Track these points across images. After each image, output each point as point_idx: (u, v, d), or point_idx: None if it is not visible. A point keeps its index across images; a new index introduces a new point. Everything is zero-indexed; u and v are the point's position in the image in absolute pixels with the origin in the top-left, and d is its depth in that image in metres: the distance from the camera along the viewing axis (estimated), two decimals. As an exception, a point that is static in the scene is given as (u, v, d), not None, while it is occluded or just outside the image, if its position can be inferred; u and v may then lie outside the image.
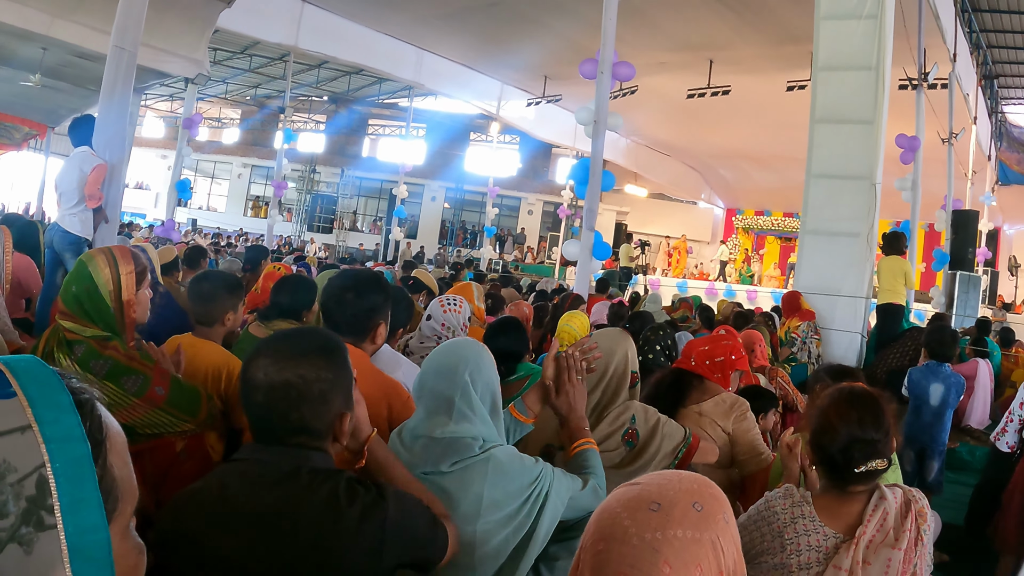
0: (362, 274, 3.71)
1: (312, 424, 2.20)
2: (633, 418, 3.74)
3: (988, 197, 25.40)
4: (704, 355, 4.52)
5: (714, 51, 21.42)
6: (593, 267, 10.62)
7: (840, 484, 2.88)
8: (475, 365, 2.83)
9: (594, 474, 3.14)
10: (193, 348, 3.93)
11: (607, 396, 3.79)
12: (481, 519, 2.64)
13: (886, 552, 2.70)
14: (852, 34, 10.58)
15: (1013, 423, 5.49)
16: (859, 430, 2.82)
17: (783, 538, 2.81)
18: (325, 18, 22.10)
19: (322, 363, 2.23)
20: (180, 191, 18.21)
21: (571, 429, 3.30)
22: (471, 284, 7.40)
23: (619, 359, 3.84)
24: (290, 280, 5.09)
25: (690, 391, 4.51)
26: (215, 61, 31.49)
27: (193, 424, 3.43)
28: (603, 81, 10.62)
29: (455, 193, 45.61)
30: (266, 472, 2.15)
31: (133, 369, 3.26)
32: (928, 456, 7.04)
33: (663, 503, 1.50)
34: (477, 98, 28.33)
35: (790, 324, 10.14)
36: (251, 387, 2.19)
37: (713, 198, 41.33)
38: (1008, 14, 22.13)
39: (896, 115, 12.74)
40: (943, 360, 7.26)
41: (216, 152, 47.90)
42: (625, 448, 3.69)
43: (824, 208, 10.61)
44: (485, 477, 2.68)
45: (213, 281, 4.36)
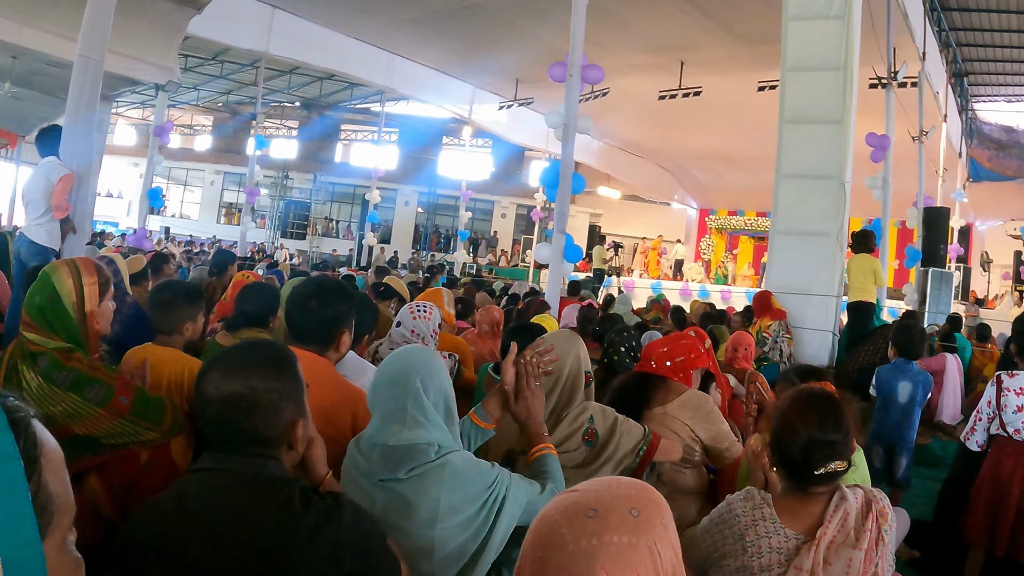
0: (326, 282, 3.73)
1: (264, 433, 2.25)
2: (591, 418, 3.77)
3: (959, 194, 25.54)
4: (664, 356, 4.53)
5: (685, 52, 21.49)
6: (565, 270, 10.63)
7: (800, 485, 2.90)
8: (426, 371, 2.84)
9: (552, 478, 3.16)
10: (154, 356, 3.92)
11: (563, 398, 3.81)
12: (439, 524, 2.66)
13: (847, 552, 2.72)
14: (820, 34, 10.62)
15: (982, 421, 5.52)
16: (819, 432, 2.84)
17: (744, 540, 2.83)
18: (296, 24, 22.05)
19: (270, 373, 2.28)
20: (152, 199, 18.13)
21: (530, 435, 3.33)
22: (441, 290, 7.42)
23: (572, 360, 3.87)
24: (253, 288, 5.10)
25: (655, 392, 4.52)
26: (186, 68, 31.35)
27: (158, 433, 3.41)
28: (572, 84, 10.63)
29: (428, 197, 45.50)
30: (223, 481, 2.18)
31: (96, 379, 3.25)
32: (897, 453, 7.07)
33: (600, 509, 1.52)
34: (449, 102, 28.32)
35: (761, 324, 10.16)
36: (204, 401, 2.24)
37: (686, 199, 41.48)
38: (977, 12, 22.28)
39: (866, 114, 12.81)
40: (911, 357, 7.30)
41: (188, 159, 47.74)
42: (586, 448, 3.71)
43: (794, 208, 10.64)
44: (442, 482, 2.69)
45: (173, 290, 4.38)
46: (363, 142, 47.10)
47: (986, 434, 5.49)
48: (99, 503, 3.25)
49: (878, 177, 16.55)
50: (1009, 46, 24.52)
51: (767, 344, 9.83)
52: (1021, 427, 5.24)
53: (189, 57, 31.13)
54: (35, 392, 3.14)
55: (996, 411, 5.37)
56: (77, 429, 3.16)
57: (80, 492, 3.24)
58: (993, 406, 5.40)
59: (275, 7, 21.36)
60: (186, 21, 16.24)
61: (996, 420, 5.38)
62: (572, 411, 3.77)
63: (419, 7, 19.96)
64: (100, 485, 3.27)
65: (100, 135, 17.61)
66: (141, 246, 16.54)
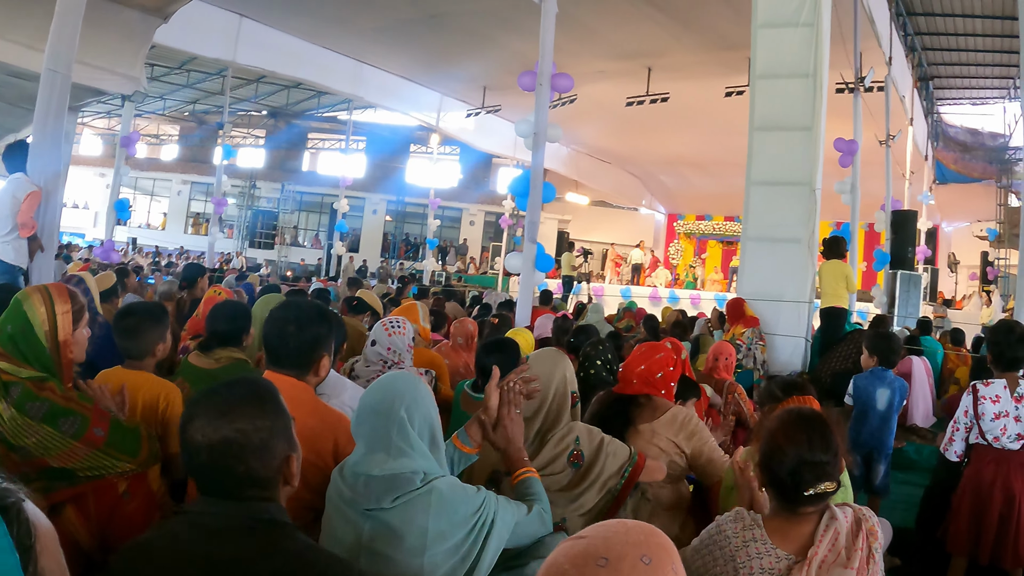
0: (304, 305, 3.68)
1: (260, 474, 2.19)
2: (577, 439, 3.74)
3: (926, 196, 25.75)
4: (644, 374, 4.49)
5: (652, 58, 21.53)
6: (536, 279, 10.60)
7: (790, 506, 2.89)
8: (411, 400, 2.81)
9: (538, 500, 3.16)
10: (127, 380, 3.87)
11: (549, 420, 3.79)
12: (428, 551, 2.64)
13: (839, 572, 2.70)
14: (789, 42, 10.64)
15: (959, 431, 5.53)
16: (808, 453, 2.83)
17: (735, 562, 2.81)
18: (263, 32, 21.95)
19: (256, 412, 2.22)
20: (119, 210, 17.98)
21: (510, 460, 3.32)
22: (416, 304, 7.39)
23: (558, 382, 3.85)
24: (224, 307, 5.06)
25: (639, 410, 4.49)
26: (152, 77, 31.18)
27: (135, 464, 3.36)
28: (542, 93, 10.61)
29: (396, 205, 45.46)
30: (220, 524, 2.13)
31: (71, 411, 3.19)
32: (875, 460, 7.09)
33: (611, 558, 1.49)
34: (416, 110, 28.24)
35: (735, 331, 10.17)
36: (192, 449, 2.18)
37: (654, 204, 41.61)
38: (942, 17, 22.49)
39: (834, 119, 12.84)
40: (889, 366, 7.32)
41: (155, 169, 47.38)
42: (571, 469, 3.69)
43: (765, 215, 10.66)
44: (428, 509, 2.67)
45: (137, 314, 4.31)
46: (331, 151, 47.03)
47: (964, 444, 5.51)
48: (77, 535, 3.21)
49: (846, 182, 16.62)
50: (973, 50, 24.76)
51: (741, 351, 9.84)
52: (1000, 434, 5.27)
53: (155, 66, 30.94)
54: (8, 423, 3.08)
55: (973, 420, 5.39)
56: (52, 461, 3.11)
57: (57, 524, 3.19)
58: (970, 415, 5.42)
59: (242, 16, 21.25)
60: (152, 30, 16.12)
61: (974, 429, 5.40)
62: (558, 432, 3.75)
63: (386, 15, 19.92)
64: (78, 517, 3.23)
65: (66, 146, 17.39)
66: (108, 258, 16.43)
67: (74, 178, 33.49)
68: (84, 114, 38.92)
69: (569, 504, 3.60)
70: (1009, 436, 5.26)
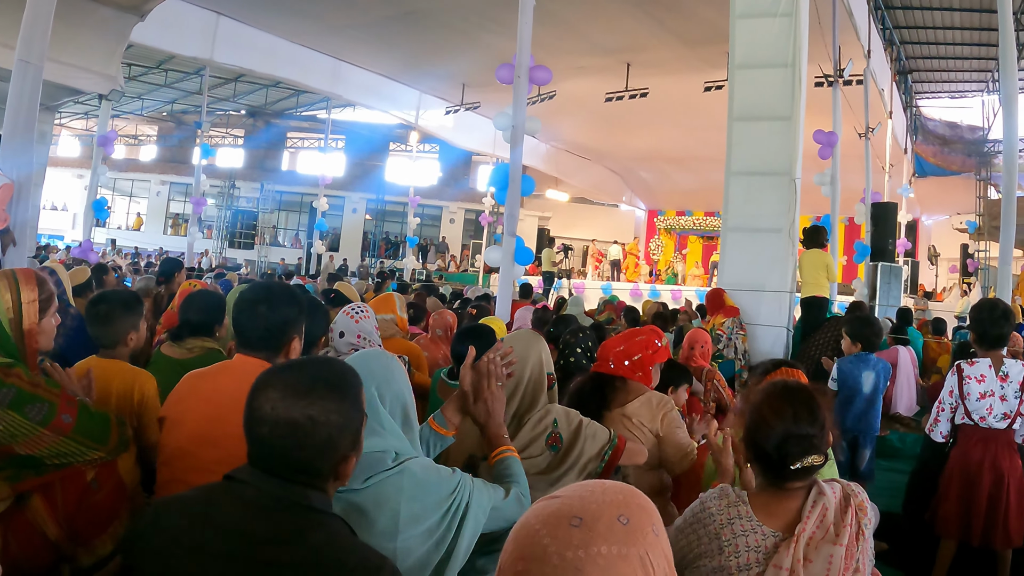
0: (274, 286, 3.59)
1: (315, 465, 2.13)
2: (555, 422, 3.66)
3: (906, 189, 25.88)
4: (621, 355, 4.45)
5: (631, 54, 21.56)
6: (516, 272, 10.58)
7: (777, 481, 2.83)
8: (382, 379, 2.74)
9: (516, 482, 3.07)
10: (100, 369, 3.81)
11: (526, 402, 3.69)
12: (400, 534, 2.54)
13: (827, 548, 2.65)
14: (768, 32, 10.63)
15: (944, 412, 5.51)
16: (794, 426, 2.77)
17: (720, 540, 2.74)
18: (241, 30, 21.94)
19: (332, 405, 2.14)
20: (96, 211, 17.88)
21: (490, 436, 3.23)
22: (393, 295, 7.33)
23: (534, 362, 3.75)
24: (197, 296, 4.99)
25: (614, 393, 4.45)
26: (129, 77, 31.05)
27: (103, 452, 3.29)
28: (520, 86, 10.61)
29: (376, 204, 45.47)
30: (261, 500, 2.06)
31: (38, 397, 3.11)
32: (860, 445, 7.10)
33: (585, 517, 1.43)
34: (395, 108, 28.27)
35: (715, 321, 10.16)
36: (256, 419, 2.10)
37: (634, 200, 41.73)
38: (920, 10, 22.59)
39: (813, 111, 12.85)
40: (872, 349, 7.33)
41: (133, 170, 47.26)
42: (550, 452, 3.60)
43: (745, 205, 10.63)
44: (401, 491, 2.58)
45: (109, 302, 4.22)
46: (310, 150, 46.92)
47: (949, 424, 5.49)
48: (44, 525, 3.14)
49: (826, 174, 16.68)
50: (952, 43, 24.88)
51: (721, 341, 9.83)
52: (986, 414, 5.26)
53: (132, 66, 30.85)
54: None
55: (959, 400, 5.38)
56: (18, 449, 3.02)
57: (24, 514, 3.14)
58: (956, 395, 5.41)
59: (220, 14, 21.23)
60: (129, 28, 16.05)
61: (960, 409, 5.38)
62: (535, 415, 3.67)
63: (364, 13, 19.90)
64: (45, 506, 3.16)
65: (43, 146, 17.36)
66: (87, 259, 16.32)
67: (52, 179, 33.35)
68: (61, 114, 38.79)
69: (548, 488, 3.51)
70: (995, 415, 5.24)
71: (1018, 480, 5.23)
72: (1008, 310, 5.46)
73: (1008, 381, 5.27)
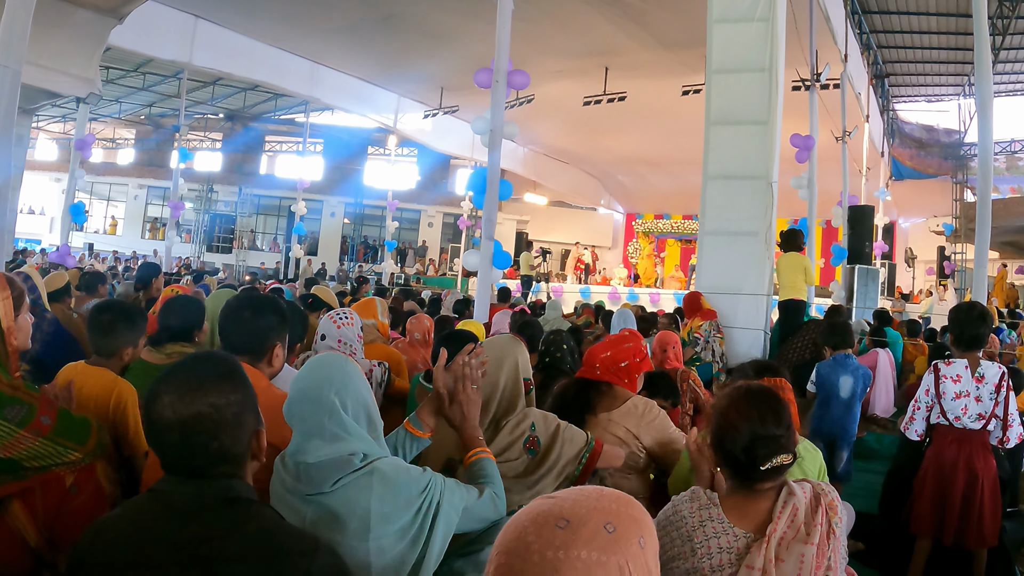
0: (259, 296, 3.73)
1: (233, 450, 2.17)
2: (533, 425, 3.66)
3: (883, 192, 26.06)
4: (608, 361, 4.45)
5: (609, 58, 21.59)
6: (494, 276, 10.60)
7: (747, 483, 2.85)
8: (341, 384, 2.74)
9: (490, 483, 3.10)
10: (83, 376, 3.83)
11: (503, 406, 3.70)
12: (372, 534, 2.57)
13: (799, 548, 2.68)
14: (745, 37, 10.67)
15: (920, 411, 5.55)
16: (760, 427, 2.81)
17: (693, 542, 2.77)
18: (219, 34, 21.90)
19: (227, 386, 2.19)
20: (74, 215, 17.83)
21: (465, 439, 3.26)
22: (374, 299, 7.34)
23: (510, 367, 3.76)
24: (176, 302, 4.97)
25: (599, 398, 4.45)
26: (107, 80, 30.97)
27: (82, 453, 3.28)
28: (498, 90, 10.63)
29: (354, 208, 45.43)
30: (187, 503, 2.09)
31: (17, 399, 3.11)
32: (838, 447, 7.16)
33: (572, 520, 1.45)
34: (374, 111, 28.28)
35: (692, 324, 10.17)
36: (161, 426, 2.12)
37: (613, 204, 41.86)
38: (897, 15, 22.77)
39: (790, 116, 12.90)
40: (849, 347, 7.41)
41: (111, 173, 46.87)
42: (528, 456, 3.61)
43: (722, 208, 10.67)
44: (371, 491, 2.60)
45: (115, 312, 4.24)
46: (288, 153, 46.78)
47: (925, 423, 5.53)
48: (24, 531, 3.13)
49: (803, 177, 16.74)
50: (928, 47, 25.06)
51: (699, 344, 9.86)
52: (961, 414, 5.30)
53: (110, 69, 30.77)
54: None
55: (935, 399, 5.41)
56: None
57: (4, 520, 3.13)
58: (932, 395, 5.44)
59: (198, 17, 21.18)
60: (107, 32, 16.01)
61: (935, 408, 5.42)
62: (513, 419, 3.67)
63: (342, 16, 19.88)
64: (24, 512, 3.15)
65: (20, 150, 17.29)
66: (64, 263, 16.25)
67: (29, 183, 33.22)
68: (39, 118, 38.60)
69: (527, 491, 3.53)
70: (970, 416, 5.29)
71: (992, 480, 5.28)
72: (985, 312, 5.51)
73: (984, 382, 5.31)
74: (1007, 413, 5.28)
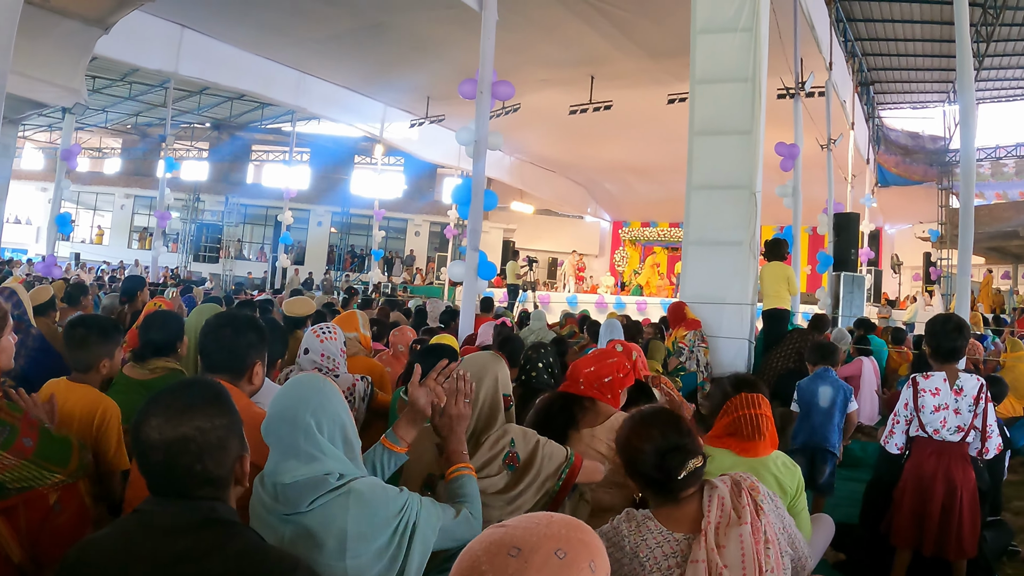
0: (239, 315, 3.72)
1: (215, 472, 2.20)
2: (512, 441, 3.67)
3: (868, 199, 26.14)
4: (592, 376, 4.45)
5: (595, 67, 21.63)
6: (480, 287, 10.61)
7: (671, 496, 2.98)
8: (317, 405, 2.76)
9: (468, 502, 3.12)
10: (66, 392, 3.84)
11: (481, 422, 3.71)
12: (349, 553, 2.59)
13: (735, 531, 2.84)
14: (728, 47, 10.70)
15: (899, 424, 5.56)
16: (664, 441, 2.97)
17: (639, 557, 2.87)
18: (205, 43, 21.89)
19: (213, 411, 2.23)
20: (60, 225, 17.80)
21: (449, 453, 3.30)
22: (356, 313, 7.36)
23: (489, 383, 3.77)
24: (156, 317, 4.98)
25: (583, 414, 4.45)
26: (93, 89, 30.97)
27: (64, 475, 3.30)
28: (483, 100, 10.66)
29: (341, 217, 45.40)
30: (170, 523, 2.12)
31: (0, 420, 3.13)
32: (820, 459, 7.16)
33: (524, 548, 1.48)
34: (360, 121, 28.27)
35: (677, 334, 10.20)
36: (147, 447, 2.17)
37: (599, 212, 41.94)
38: (882, 23, 22.90)
39: (776, 124, 12.95)
40: (833, 364, 7.46)
41: (98, 183, 46.83)
42: (507, 472, 3.63)
43: (706, 218, 10.69)
44: (347, 510, 2.62)
45: (88, 326, 4.24)
46: (275, 162, 46.80)
47: (905, 436, 5.54)
48: (7, 548, 3.14)
49: (788, 185, 16.78)
50: (913, 55, 25.20)
51: (683, 354, 9.88)
52: (940, 427, 5.31)
53: (97, 78, 30.77)
54: None
55: (914, 413, 5.43)
56: None
57: (-12, 538, 3.14)
58: (910, 408, 5.45)
59: (184, 27, 21.18)
60: (93, 41, 16.01)
61: (915, 422, 5.44)
62: (492, 435, 3.68)
63: (329, 26, 19.88)
64: (8, 529, 3.16)
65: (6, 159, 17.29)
66: (50, 273, 16.23)
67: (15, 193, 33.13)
68: (25, 127, 38.54)
69: (507, 507, 3.55)
70: (949, 428, 5.30)
71: (971, 492, 5.29)
72: (961, 323, 5.52)
73: (963, 395, 5.33)
74: (985, 424, 5.30)
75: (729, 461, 3.95)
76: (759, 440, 4.01)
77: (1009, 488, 8.12)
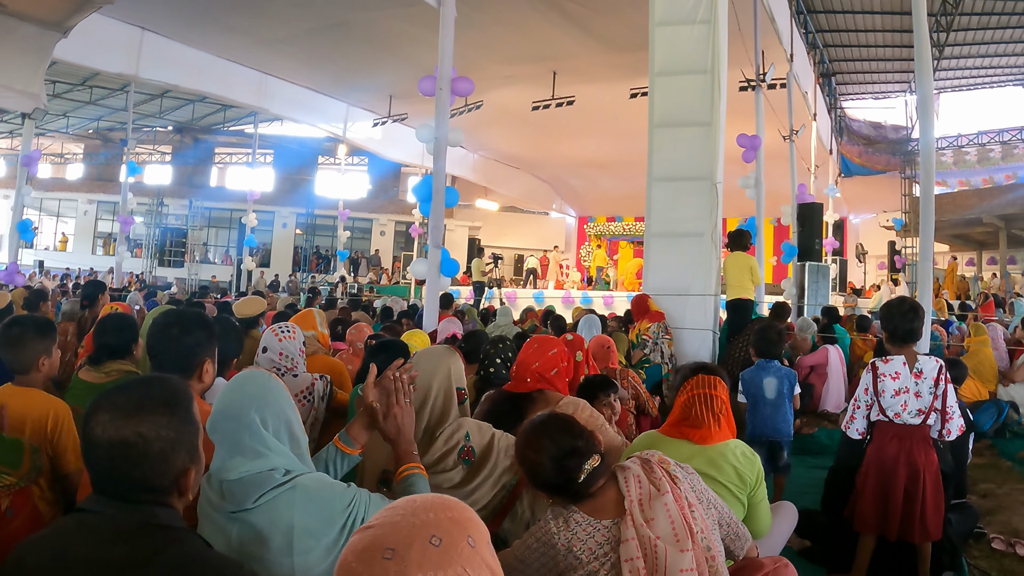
0: (186, 312, 3.68)
1: (154, 482, 2.14)
2: (467, 435, 3.66)
3: (832, 189, 26.30)
4: (537, 372, 4.49)
5: (557, 62, 21.62)
6: (442, 284, 10.59)
7: (580, 496, 2.99)
8: (261, 401, 2.74)
9: None
10: (15, 398, 3.81)
11: (435, 416, 3.70)
12: (296, 549, 2.56)
13: (658, 502, 2.88)
14: (687, 39, 10.72)
15: (860, 409, 5.57)
16: (557, 448, 2.96)
17: (573, 551, 2.86)
18: (165, 45, 21.72)
19: (163, 420, 2.15)
20: (22, 232, 17.66)
21: (399, 453, 3.25)
22: (312, 311, 7.33)
23: (442, 376, 3.77)
24: (110, 320, 4.96)
25: (531, 406, 4.45)
26: (53, 94, 30.79)
27: (15, 477, 3.28)
28: (442, 97, 10.63)
29: (306, 218, 45.31)
30: (111, 526, 2.07)
31: None
32: (777, 448, 7.20)
33: (397, 547, 1.44)
34: (323, 121, 28.18)
35: (641, 327, 10.20)
36: (91, 443, 2.12)
37: (564, 208, 42.06)
38: (843, 14, 23.06)
39: (737, 116, 12.98)
40: (772, 358, 7.49)
41: (60, 189, 46.50)
42: (463, 466, 3.61)
43: (667, 210, 10.70)
44: (293, 506, 2.59)
45: (22, 325, 4.23)
46: (238, 165, 46.75)
47: (866, 421, 5.55)
48: (-41, 554, 3.11)
49: (751, 177, 16.80)
50: (874, 45, 25.37)
51: (647, 346, 9.89)
52: (900, 410, 5.31)
53: (57, 83, 30.57)
54: None
55: (874, 397, 5.43)
56: None
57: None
58: (871, 393, 5.46)
59: (144, 29, 21.01)
60: (52, 45, 15.84)
61: (875, 406, 5.44)
62: (447, 429, 3.66)
63: (290, 26, 19.79)
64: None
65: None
66: (13, 281, 16.10)
67: (-26, 201, 32.92)
68: (-17, 134, 38.26)
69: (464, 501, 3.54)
70: (910, 411, 5.30)
71: (933, 475, 5.30)
72: (916, 305, 5.53)
73: (923, 378, 5.34)
74: (946, 406, 5.31)
75: (687, 451, 3.94)
76: (712, 422, 3.98)
77: (975, 471, 8.19)
